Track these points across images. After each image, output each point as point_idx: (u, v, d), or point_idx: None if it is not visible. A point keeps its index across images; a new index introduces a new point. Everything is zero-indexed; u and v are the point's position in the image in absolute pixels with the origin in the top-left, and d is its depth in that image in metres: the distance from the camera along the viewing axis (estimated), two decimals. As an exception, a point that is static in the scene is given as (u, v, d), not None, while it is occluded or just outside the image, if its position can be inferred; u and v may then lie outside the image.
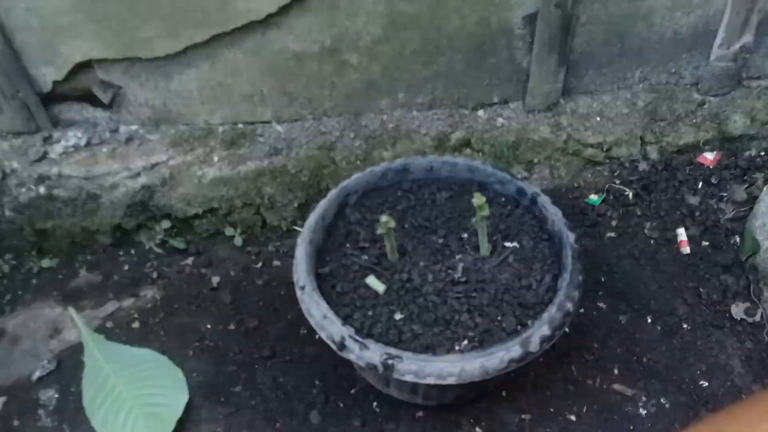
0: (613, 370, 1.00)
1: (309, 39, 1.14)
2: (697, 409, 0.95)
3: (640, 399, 0.96)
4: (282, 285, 1.15)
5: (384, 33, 1.14)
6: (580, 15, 1.17)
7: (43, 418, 0.97)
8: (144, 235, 1.24)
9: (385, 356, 0.71)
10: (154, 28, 1.09)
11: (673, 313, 1.07)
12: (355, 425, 0.93)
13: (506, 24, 1.16)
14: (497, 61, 1.22)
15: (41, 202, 1.17)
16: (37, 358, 1.06)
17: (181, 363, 1.02)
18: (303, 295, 0.79)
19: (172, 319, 1.11)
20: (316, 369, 1.01)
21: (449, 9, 1.12)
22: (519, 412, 0.95)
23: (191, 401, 0.97)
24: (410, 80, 1.22)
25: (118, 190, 1.18)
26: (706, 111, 1.29)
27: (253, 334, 1.07)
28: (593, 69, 1.26)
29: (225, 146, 1.22)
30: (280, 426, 0.94)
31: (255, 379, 1.01)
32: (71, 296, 1.16)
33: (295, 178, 1.21)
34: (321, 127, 1.25)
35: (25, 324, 1.12)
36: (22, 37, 1.09)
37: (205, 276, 1.18)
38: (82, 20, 1.08)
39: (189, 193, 1.19)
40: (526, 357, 0.73)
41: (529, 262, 0.85)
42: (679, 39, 1.24)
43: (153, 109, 1.22)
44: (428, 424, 0.93)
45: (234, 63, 1.16)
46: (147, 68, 1.16)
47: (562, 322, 0.75)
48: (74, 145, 1.20)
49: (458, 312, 0.79)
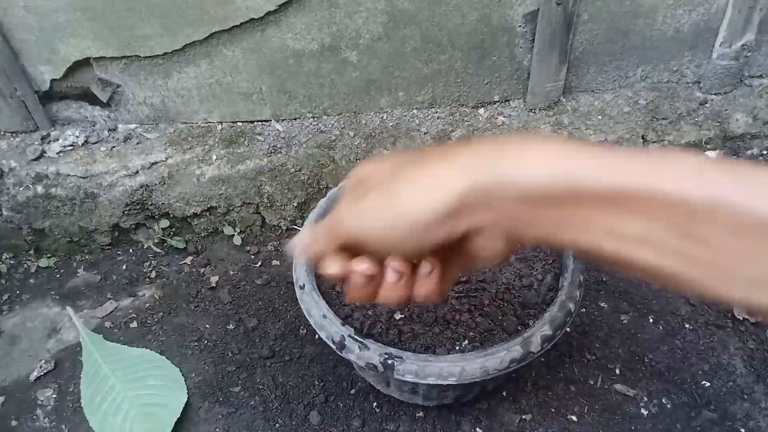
0: (614, 370, 0.99)
1: (308, 37, 1.13)
2: (699, 409, 0.94)
3: (641, 399, 0.96)
4: (281, 284, 1.15)
5: (384, 31, 1.14)
6: (582, 13, 1.16)
7: (41, 418, 0.97)
8: (142, 235, 1.23)
9: (385, 356, 0.71)
10: (152, 26, 1.09)
11: (675, 313, 1.06)
12: (355, 425, 0.93)
13: (507, 22, 1.15)
14: (498, 59, 1.21)
15: (39, 201, 1.16)
16: (35, 357, 1.05)
17: (180, 363, 1.01)
18: (303, 295, 0.78)
19: (170, 318, 1.10)
20: (316, 369, 1.01)
21: (449, 6, 1.12)
22: (520, 412, 0.94)
23: (190, 401, 0.97)
24: (410, 78, 1.21)
25: (116, 189, 1.17)
26: (708, 109, 1.29)
27: (252, 334, 1.07)
28: (595, 67, 1.26)
29: (224, 145, 1.22)
30: (280, 426, 0.94)
31: (254, 379, 1.00)
32: (69, 296, 1.15)
33: (294, 176, 1.20)
34: (320, 125, 1.25)
35: (23, 324, 1.11)
36: (19, 35, 1.09)
37: (204, 275, 1.17)
38: (80, 18, 1.07)
39: (188, 192, 1.19)
40: (527, 357, 0.72)
41: (530, 261, 0.85)
42: (681, 37, 1.23)
43: (151, 107, 1.22)
44: (428, 424, 0.93)
45: (233, 61, 1.15)
46: (145, 66, 1.15)
47: (563, 321, 0.74)
48: (72, 144, 1.20)
49: (458, 312, 0.78)
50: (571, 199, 0.32)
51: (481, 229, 0.36)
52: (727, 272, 0.30)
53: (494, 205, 0.34)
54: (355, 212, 0.39)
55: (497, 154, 0.34)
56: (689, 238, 0.30)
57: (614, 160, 0.32)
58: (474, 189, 0.34)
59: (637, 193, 0.31)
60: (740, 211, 0.29)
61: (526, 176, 0.33)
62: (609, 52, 1.24)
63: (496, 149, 0.34)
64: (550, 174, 0.32)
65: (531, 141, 0.34)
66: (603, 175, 0.31)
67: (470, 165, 0.34)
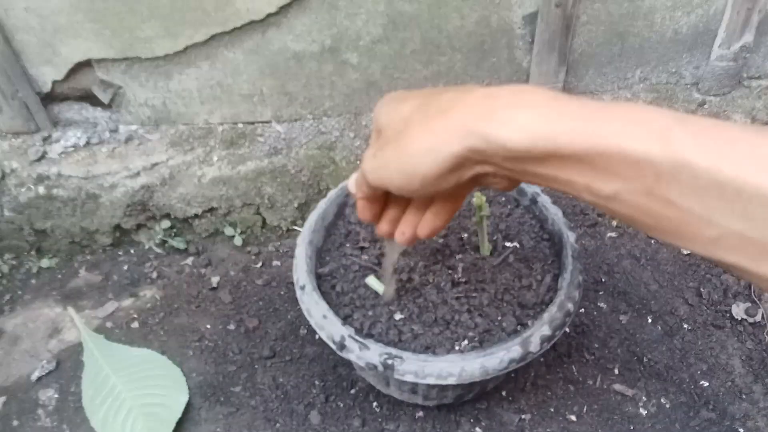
0: (613, 370, 1.00)
1: (309, 39, 1.14)
2: (697, 408, 0.95)
3: (640, 399, 0.96)
4: (282, 285, 1.15)
5: (384, 33, 1.14)
6: (581, 14, 1.16)
7: (42, 418, 0.97)
8: (143, 235, 1.24)
9: (385, 356, 0.71)
10: (153, 27, 1.09)
11: (674, 313, 1.07)
12: (355, 425, 0.93)
13: (506, 23, 1.16)
14: (497, 61, 1.21)
15: (40, 201, 1.17)
16: (37, 358, 1.06)
17: (181, 363, 1.02)
18: (303, 295, 0.79)
19: (171, 319, 1.11)
20: (316, 369, 1.01)
21: (449, 8, 1.12)
22: (519, 412, 0.95)
23: (191, 401, 0.97)
24: (410, 80, 1.22)
25: (117, 189, 1.18)
26: (707, 111, 1.29)
27: (252, 334, 1.07)
28: (593, 69, 1.26)
29: (225, 146, 1.22)
30: (280, 426, 0.94)
31: (255, 379, 1.00)
32: (71, 296, 1.16)
33: (295, 177, 1.20)
34: (321, 126, 1.25)
35: (25, 324, 1.12)
36: (21, 36, 1.09)
37: (205, 276, 1.18)
38: (82, 20, 1.08)
39: (188, 192, 1.19)
40: (526, 357, 0.72)
41: (529, 261, 0.85)
42: (680, 39, 1.23)
43: (153, 108, 1.22)
44: (428, 424, 0.93)
45: (234, 63, 1.16)
46: (147, 68, 1.16)
47: (562, 322, 0.75)
48: (74, 145, 1.20)
49: (458, 312, 0.79)
50: (552, 158, 0.36)
51: (485, 173, 0.42)
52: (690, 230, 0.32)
53: (489, 160, 0.40)
54: (375, 166, 0.45)
55: (489, 113, 0.38)
56: (654, 198, 0.32)
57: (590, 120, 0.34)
58: (469, 149, 0.39)
59: (608, 154, 0.33)
60: (701, 172, 0.30)
61: (510, 140, 0.37)
62: (608, 53, 1.24)
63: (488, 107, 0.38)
64: (531, 137, 0.36)
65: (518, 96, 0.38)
66: (578, 138, 0.34)
67: (464, 127, 0.39)
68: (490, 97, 0.39)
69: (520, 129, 0.36)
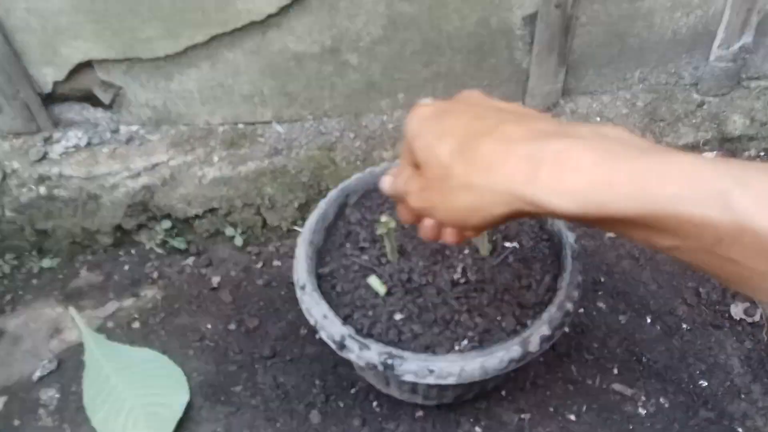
0: (612, 370, 1.00)
1: (309, 39, 1.14)
2: (696, 408, 0.95)
3: (639, 398, 0.96)
4: (282, 285, 1.16)
5: (384, 33, 1.15)
6: (580, 15, 1.17)
7: (43, 417, 0.98)
8: (144, 236, 1.24)
9: (385, 356, 0.72)
10: (154, 28, 1.09)
11: (673, 313, 1.07)
12: (355, 425, 0.94)
13: (506, 24, 1.16)
14: (497, 62, 1.22)
15: (42, 202, 1.17)
16: (38, 357, 1.06)
17: (182, 363, 1.02)
18: (303, 295, 0.79)
19: (172, 319, 1.11)
20: (317, 369, 1.01)
21: (449, 9, 1.12)
22: (519, 411, 0.95)
23: (192, 401, 0.98)
24: (410, 81, 1.22)
25: (118, 190, 1.18)
26: (706, 111, 1.29)
27: (253, 334, 1.07)
28: (593, 69, 1.27)
29: (225, 146, 1.22)
30: (281, 425, 0.95)
31: (255, 378, 1.01)
32: (72, 296, 1.16)
33: (295, 178, 1.21)
34: (321, 127, 1.25)
35: (26, 324, 1.12)
36: (22, 37, 1.09)
37: (206, 276, 1.18)
38: (83, 20, 1.08)
39: (189, 193, 1.19)
40: (525, 357, 0.73)
41: (528, 262, 0.86)
42: (679, 39, 1.24)
43: (153, 109, 1.22)
44: (428, 424, 0.93)
45: (234, 63, 1.16)
46: (147, 69, 1.16)
47: (561, 321, 0.75)
48: (75, 146, 1.20)
49: (458, 312, 0.79)
50: (605, 220, 0.36)
51: None
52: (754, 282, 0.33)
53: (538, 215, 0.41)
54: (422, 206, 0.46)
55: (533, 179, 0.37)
56: (716, 256, 0.32)
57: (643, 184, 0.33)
58: (517, 211, 0.39)
59: (664, 219, 0.33)
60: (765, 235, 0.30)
61: (559, 207, 0.36)
62: (607, 54, 1.24)
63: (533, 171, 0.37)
64: (580, 206, 0.35)
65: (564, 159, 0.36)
66: (631, 204, 0.33)
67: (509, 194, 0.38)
68: (533, 159, 0.37)
69: (568, 198, 0.35)
